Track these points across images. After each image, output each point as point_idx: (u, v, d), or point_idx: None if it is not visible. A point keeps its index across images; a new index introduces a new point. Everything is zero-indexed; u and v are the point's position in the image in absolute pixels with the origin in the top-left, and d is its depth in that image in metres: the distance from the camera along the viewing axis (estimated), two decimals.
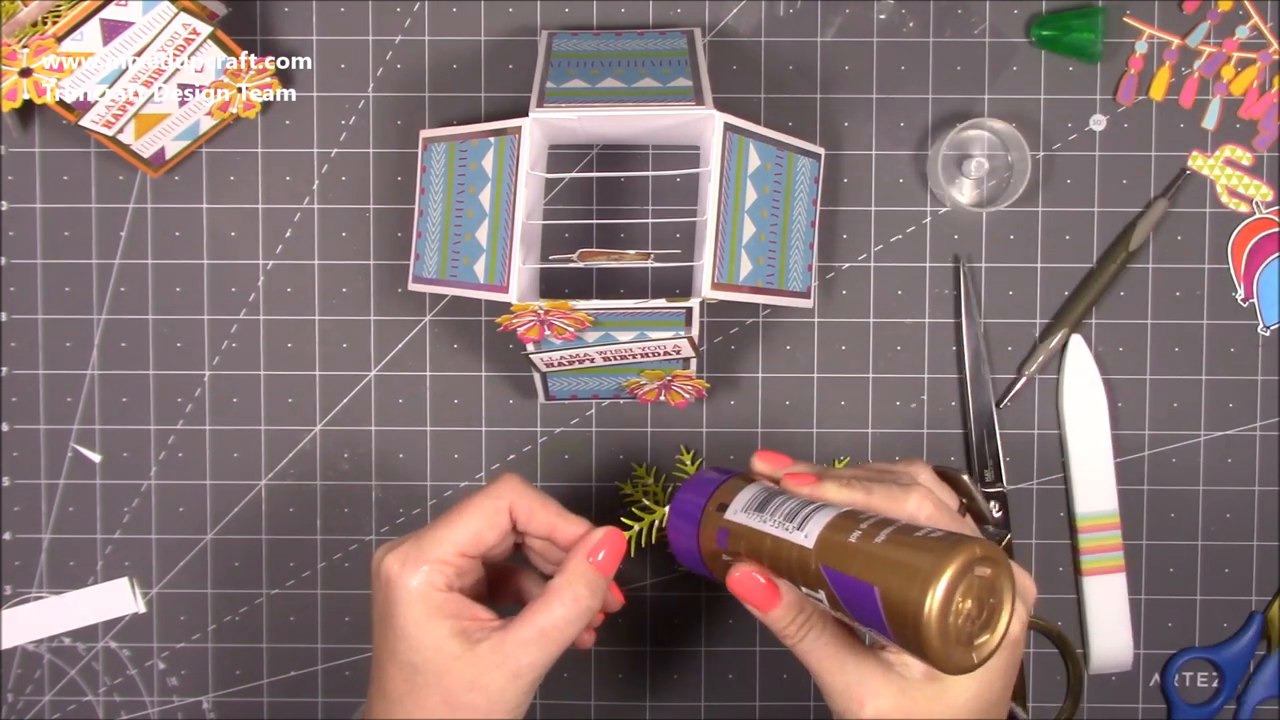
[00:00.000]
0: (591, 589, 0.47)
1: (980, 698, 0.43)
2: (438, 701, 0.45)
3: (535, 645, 0.45)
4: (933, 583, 0.37)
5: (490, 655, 0.45)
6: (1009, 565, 0.40)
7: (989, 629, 0.40)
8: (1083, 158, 0.61)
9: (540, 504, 0.49)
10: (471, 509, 0.47)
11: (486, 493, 0.48)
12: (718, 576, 0.47)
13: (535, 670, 0.45)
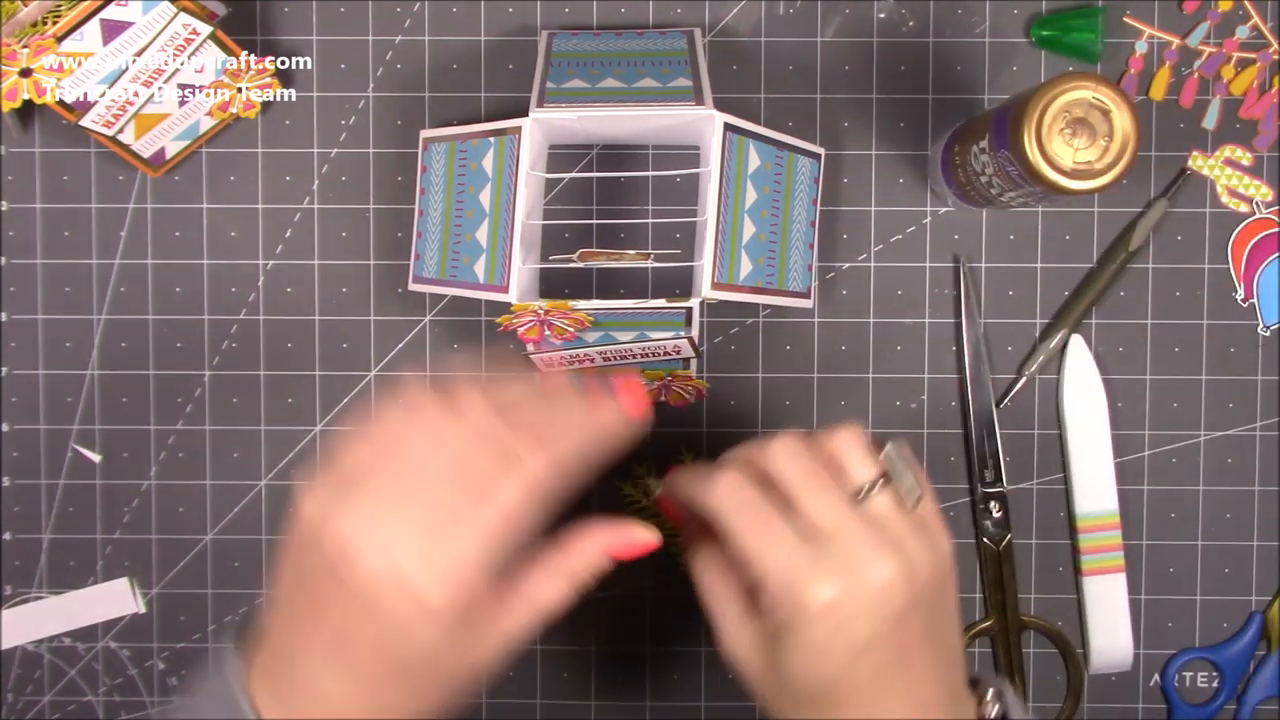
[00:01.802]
0: (595, 574, 0.45)
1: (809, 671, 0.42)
2: (428, 686, 0.42)
3: (528, 618, 0.43)
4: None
5: (487, 634, 0.42)
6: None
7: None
8: None
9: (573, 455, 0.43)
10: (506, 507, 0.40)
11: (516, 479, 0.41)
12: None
13: (523, 637, 0.43)
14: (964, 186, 0.56)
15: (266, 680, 0.42)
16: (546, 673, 0.63)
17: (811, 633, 0.41)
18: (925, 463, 0.62)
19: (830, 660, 0.42)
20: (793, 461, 0.44)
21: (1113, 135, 0.49)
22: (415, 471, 0.40)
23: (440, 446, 0.41)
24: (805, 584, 0.41)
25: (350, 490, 0.40)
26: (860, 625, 0.41)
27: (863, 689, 0.42)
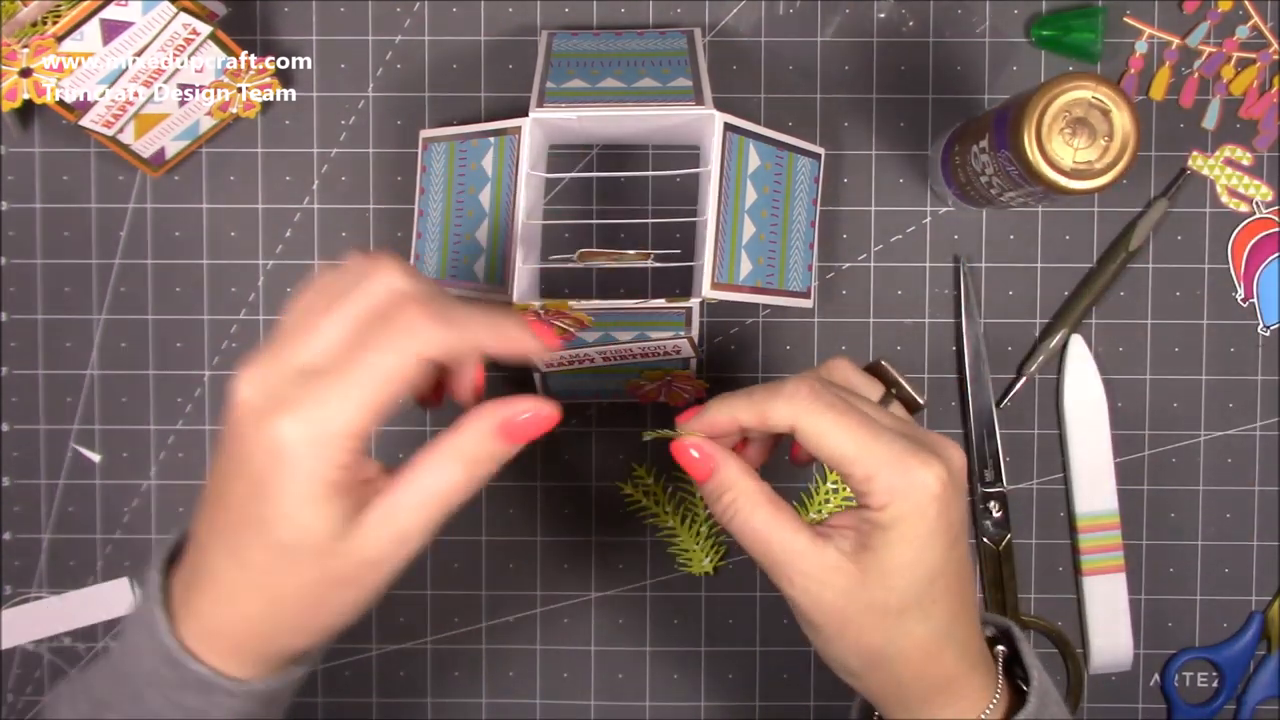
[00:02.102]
0: (493, 458, 0.40)
1: (916, 566, 0.42)
2: (312, 579, 0.39)
3: (423, 509, 0.39)
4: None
5: (377, 527, 0.39)
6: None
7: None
8: None
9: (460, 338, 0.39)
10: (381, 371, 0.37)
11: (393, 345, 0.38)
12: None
13: (422, 534, 0.39)
14: (964, 186, 0.56)
15: (183, 589, 0.41)
16: (546, 672, 0.63)
17: (926, 519, 0.41)
18: None
19: (939, 548, 0.42)
20: (825, 394, 0.43)
21: (1113, 135, 0.49)
22: (306, 335, 0.38)
23: (337, 310, 0.39)
24: (919, 471, 0.41)
25: (252, 364, 0.39)
26: (957, 506, 0.42)
27: (955, 580, 0.43)
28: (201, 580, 0.40)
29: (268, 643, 0.41)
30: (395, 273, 0.39)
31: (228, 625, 0.40)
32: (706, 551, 0.61)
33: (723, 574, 0.62)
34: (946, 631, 0.43)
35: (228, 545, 0.39)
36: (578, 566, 0.62)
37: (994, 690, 0.44)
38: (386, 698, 0.63)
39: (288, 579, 0.39)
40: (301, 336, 0.38)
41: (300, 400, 0.37)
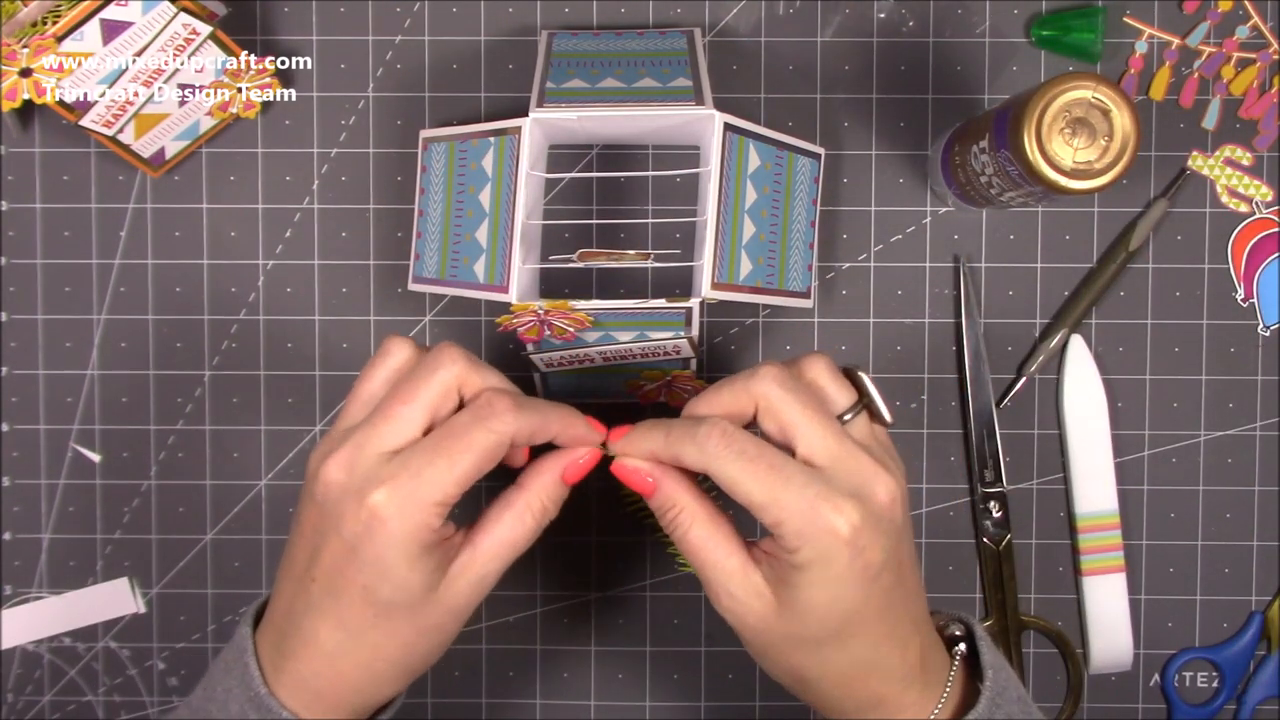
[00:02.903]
0: (556, 503, 0.47)
1: (830, 606, 0.43)
2: (409, 630, 0.44)
3: (500, 558, 0.45)
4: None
5: (462, 576, 0.44)
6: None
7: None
8: None
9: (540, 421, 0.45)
10: (474, 450, 0.43)
11: (487, 427, 0.43)
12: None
13: (496, 578, 0.46)
14: (964, 186, 0.56)
15: (273, 639, 0.45)
16: (546, 673, 0.63)
17: (837, 563, 0.42)
18: (925, 462, 0.62)
19: (850, 587, 0.42)
20: (786, 393, 0.44)
21: (1113, 135, 0.49)
22: (387, 423, 0.43)
23: (413, 400, 0.44)
24: (830, 514, 0.42)
25: (339, 441, 0.44)
26: (877, 547, 0.42)
27: (875, 614, 0.43)
28: (294, 647, 0.44)
29: (361, 695, 0.45)
30: (460, 360, 0.44)
31: (326, 685, 0.44)
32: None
33: None
34: (868, 660, 0.44)
35: (324, 612, 0.43)
36: (578, 566, 0.62)
37: (937, 699, 0.45)
38: None
39: (386, 635, 0.44)
40: (383, 424, 0.43)
41: (395, 474, 0.42)
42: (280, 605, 0.45)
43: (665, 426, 0.46)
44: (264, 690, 0.44)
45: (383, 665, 0.44)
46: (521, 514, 0.46)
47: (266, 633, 0.46)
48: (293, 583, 0.45)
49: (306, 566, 0.44)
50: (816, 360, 0.47)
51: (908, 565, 0.45)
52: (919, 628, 0.45)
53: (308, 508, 0.44)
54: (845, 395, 0.46)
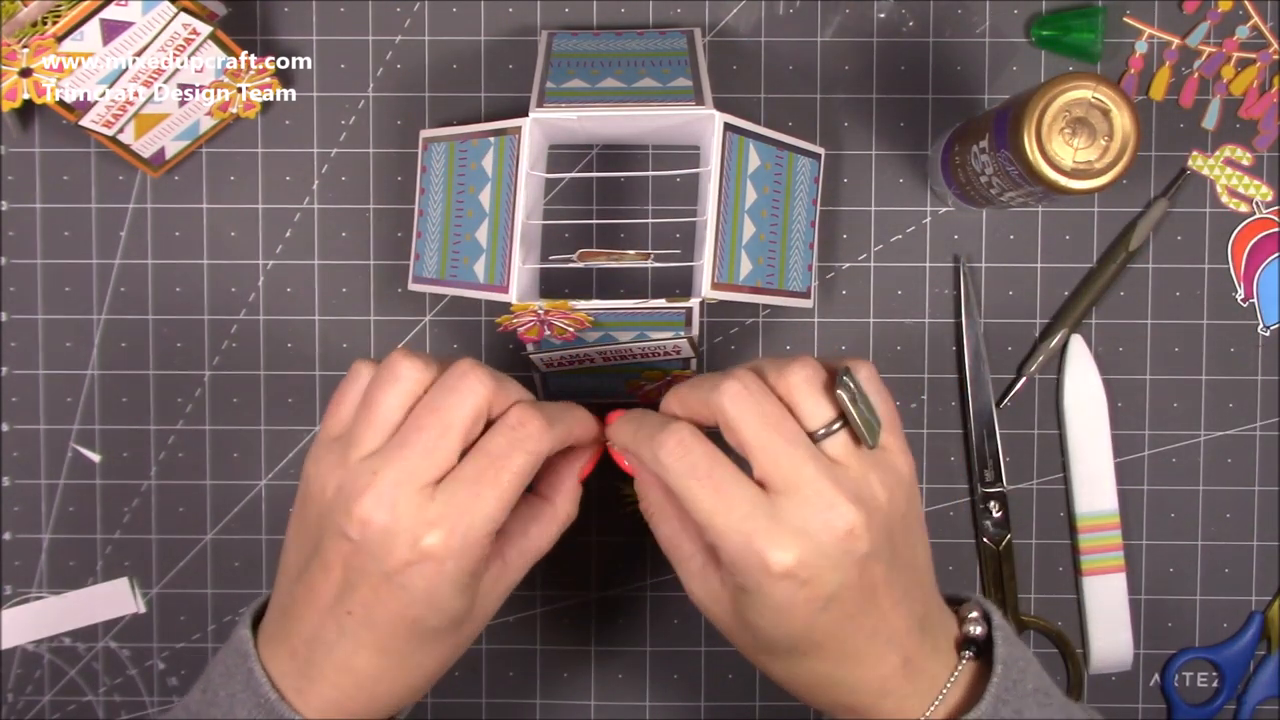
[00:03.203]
0: (577, 504, 0.49)
1: (774, 629, 0.42)
2: (449, 648, 0.45)
3: (527, 567, 0.47)
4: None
5: (494, 588, 0.45)
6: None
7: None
8: None
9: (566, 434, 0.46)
10: (517, 475, 0.43)
11: (526, 450, 0.43)
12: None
13: (518, 582, 0.47)
14: (964, 186, 0.56)
15: (294, 665, 0.44)
16: (546, 673, 0.63)
17: (774, 594, 0.41)
18: (925, 463, 0.62)
19: (795, 616, 0.41)
20: (747, 408, 0.42)
21: (1113, 135, 0.49)
22: (420, 452, 0.42)
23: (444, 426, 0.42)
24: (763, 549, 0.40)
25: (363, 473, 0.42)
26: (825, 579, 0.41)
27: (831, 636, 0.42)
28: (325, 673, 0.43)
29: (392, 708, 0.45)
30: (485, 380, 0.43)
31: (359, 704, 0.44)
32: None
33: None
34: (829, 675, 0.44)
35: (362, 642, 0.43)
36: (578, 567, 0.62)
37: (929, 703, 0.44)
38: None
39: (428, 655, 0.44)
40: (419, 459, 0.42)
41: (443, 514, 0.41)
42: (300, 630, 0.44)
43: (637, 423, 0.46)
44: (274, 696, 0.43)
45: (422, 682, 0.45)
46: (548, 525, 0.47)
47: (278, 653, 0.44)
48: (317, 612, 0.43)
49: (338, 598, 0.43)
50: (799, 369, 0.43)
51: (882, 583, 0.42)
52: (900, 641, 0.43)
53: (337, 542, 0.43)
54: (824, 409, 0.43)
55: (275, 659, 0.44)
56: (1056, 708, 0.45)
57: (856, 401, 0.42)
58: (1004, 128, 0.50)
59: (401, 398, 0.44)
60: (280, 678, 0.44)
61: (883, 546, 0.42)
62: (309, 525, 0.45)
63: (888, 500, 0.43)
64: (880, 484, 0.43)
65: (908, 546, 0.44)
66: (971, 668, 0.45)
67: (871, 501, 0.42)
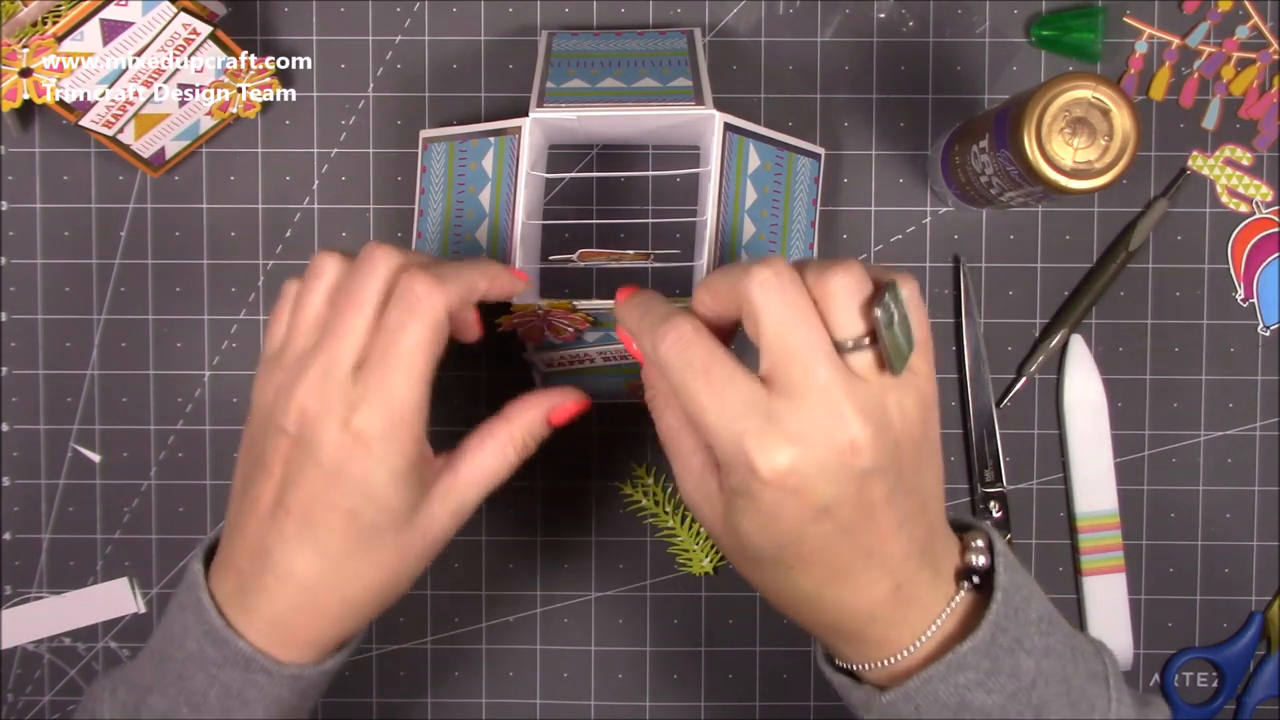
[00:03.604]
0: (537, 440, 0.47)
1: (760, 535, 0.40)
2: (390, 555, 0.44)
3: (479, 485, 0.45)
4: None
5: (442, 501, 0.44)
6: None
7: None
8: None
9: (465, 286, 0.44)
10: (421, 348, 0.42)
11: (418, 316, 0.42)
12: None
13: (474, 507, 0.46)
14: (964, 186, 0.56)
15: (236, 581, 0.44)
16: (546, 672, 0.63)
17: (763, 499, 0.39)
18: None
19: (783, 525, 0.40)
20: (773, 298, 0.40)
21: (1113, 135, 0.49)
22: (341, 338, 0.42)
23: (357, 307, 0.43)
24: (754, 450, 0.39)
25: (296, 369, 0.43)
26: (817, 490, 0.39)
27: (819, 550, 0.40)
28: (267, 584, 0.43)
29: (337, 627, 0.44)
30: (388, 255, 0.43)
31: (302, 619, 0.44)
32: (706, 551, 0.61)
33: (723, 574, 0.62)
34: (814, 593, 0.42)
35: (302, 543, 0.43)
36: (578, 566, 0.62)
37: (921, 632, 0.42)
38: (386, 698, 0.63)
39: (367, 561, 0.43)
40: (338, 341, 0.42)
41: (364, 395, 0.42)
42: (242, 546, 0.44)
43: (643, 309, 0.44)
44: (220, 623, 0.43)
45: (362, 594, 0.44)
46: (504, 445, 0.46)
47: (225, 577, 0.44)
48: (258, 521, 0.43)
49: (277, 500, 0.43)
50: (842, 275, 0.40)
51: (882, 502, 0.40)
52: (894, 566, 0.41)
53: (275, 440, 0.43)
54: (857, 324, 0.40)
55: (222, 584, 0.44)
56: (1060, 636, 0.43)
57: (893, 325, 0.39)
58: (1004, 128, 0.50)
59: (324, 293, 0.44)
60: (226, 601, 0.44)
61: (888, 466, 0.40)
62: (254, 440, 0.45)
63: (900, 420, 0.41)
64: (897, 404, 0.40)
65: (916, 471, 0.42)
66: (970, 599, 0.43)
67: (882, 419, 0.40)
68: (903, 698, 0.42)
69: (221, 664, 0.43)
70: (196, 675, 0.43)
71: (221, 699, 0.43)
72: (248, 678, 0.43)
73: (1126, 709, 0.44)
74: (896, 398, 0.40)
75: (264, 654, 0.43)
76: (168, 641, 0.45)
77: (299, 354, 0.44)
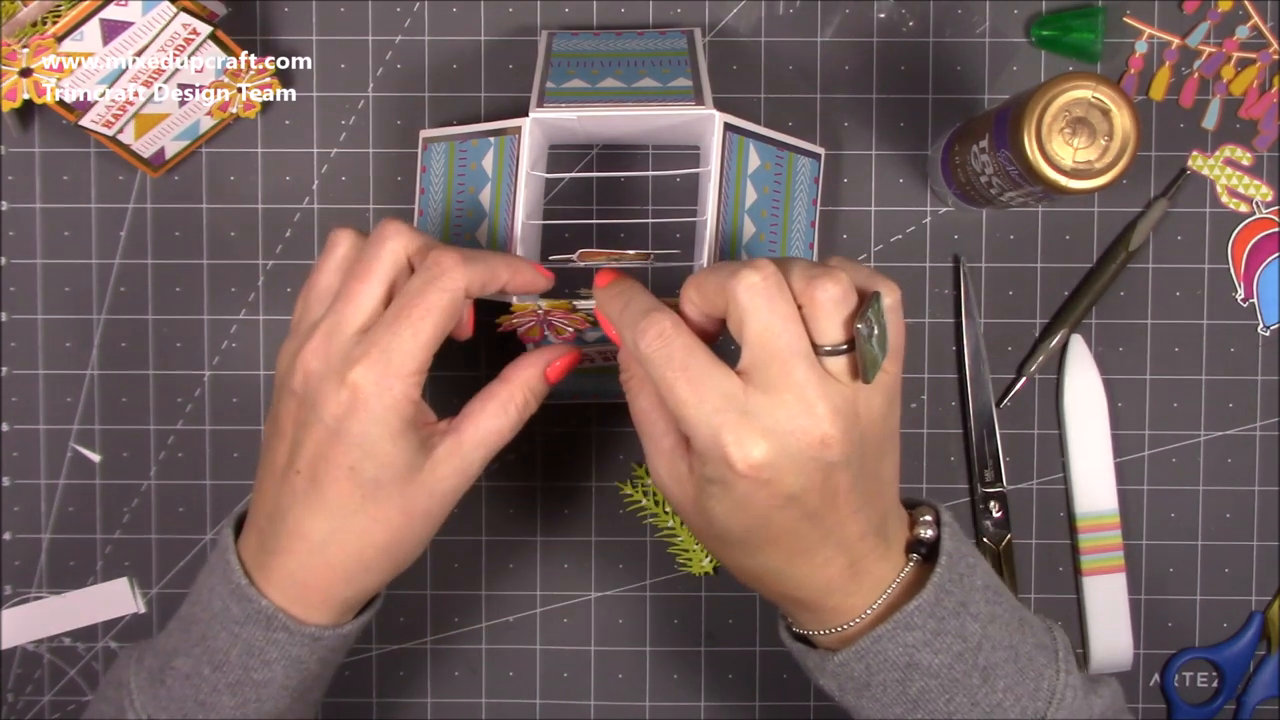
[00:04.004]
0: (538, 398, 0.48)
1: (729, 519, 0.43)
2: (395, 512, 0.45)
3: (483, 446, 0.46)
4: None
5: (446, 460, 0.45)
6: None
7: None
8: None
9: (488, 270, 0.46)
10: (433, 311, 0.44)
11: (438, 285, 0.44)
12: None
13: (479, 468, 0.46)
14: (964, 186, 0.56)
15: (256, 541, 0.46)
16: (546, 672, 0.63)
17: (736, 488, 0.42)
18: (925, 462, 0.62)
19: (752, 512, 0.42)
20: (759, 303, 0.41)
21: (1113, 135, 0.49)
22: (350, 304, 0.44)
23: (370, 277, 0.44)
24: (731, 444, 0.41)
25: (305, 335, 0.45)
26: (787, 481, 0.41)
27: (785, 532, 0.43)
28: (282, 543, 0.45)
29: (351, 585, 0.45)
30: (401, 229, 0.45)
31: (315, 577, 0.45)
32: (706, 551, 0.61)
33: (723, 574, 0.62)
34: (778, 570, 0.44)
35: (310, 502, 0.44)
36: (578, 566, 0.62)
37: (872, 601, 0.45)
38: (386, 698, 0.63)
39: (373, 519, 0.44)
40: (347, 307, 0.44)
41: (366, 351, 0.43)
42: (263, 507, 0.46)
43: (624, 300, 0.46)
44: (244, 581, 0.45)
45: (371, 552, 0.45)
46: (505, 405, 0.47)
47: (249, 538, 0.46)
48: (274, 482, 0.45)
49: (289, 461, 0.45)
50: (830, 286, 0.41)
51: (845, 490, 0.43)
52: (850, 545, 0.44)
53: (286, 403, 0.45)
54: (838, 333, 0.42)
55: (247, 545, 0.46)
56: (1007, 606, 0.46)
57: (871, 338, 0.42)
58: (1004, 128, 0.50)
59: (337, 264, 0.46)
60: (250, 561, 0.46)
61: (853, 457, 0.42)
62: (273, 407, 0.47)
63: (867, 416, 0.43)
64: (865, 401, 0.43)
65: (876, 459, 0.44)
66: (918, 568, 0.46)
67: (851, 416, 0.42)
68: (854, 657, 0.44)
69: (244, 621, 0.45)
70: (220, 634, 0.45)
71: (243, 657, 0.45)
72: (269, 636, 0.45)
73: (1075, 680, 0.46)
74: (866, 396, 0.43)
75: (284, 611, 0.45)
76: (195, 604, 0.47)
77: (311, 321, 0.45)
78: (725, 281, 0.42)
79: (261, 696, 0.45)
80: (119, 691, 0.47)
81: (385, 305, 0.45)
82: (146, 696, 0.46)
